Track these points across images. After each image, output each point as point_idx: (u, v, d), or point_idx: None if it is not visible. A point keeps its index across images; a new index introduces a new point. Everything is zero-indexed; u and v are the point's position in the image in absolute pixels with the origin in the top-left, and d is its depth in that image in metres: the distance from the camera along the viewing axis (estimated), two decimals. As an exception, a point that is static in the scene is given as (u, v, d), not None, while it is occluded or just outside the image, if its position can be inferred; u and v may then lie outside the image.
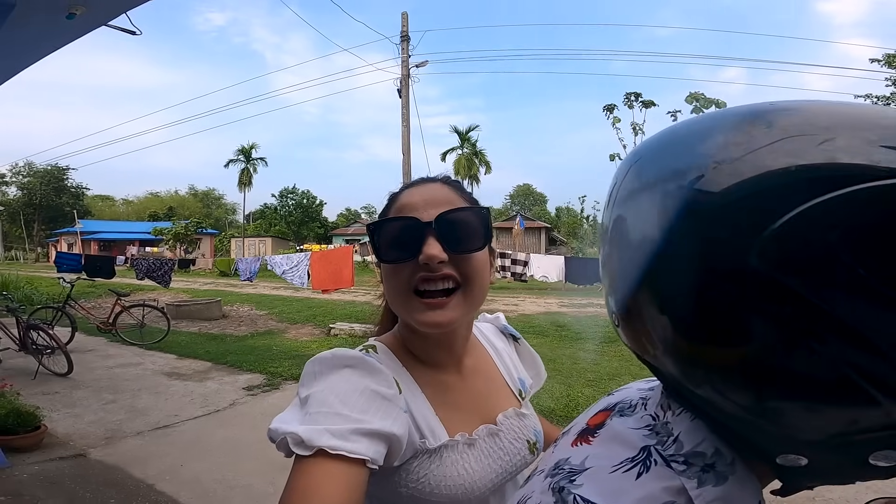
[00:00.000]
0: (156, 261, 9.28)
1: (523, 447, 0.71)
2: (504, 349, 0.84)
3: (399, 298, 0.64)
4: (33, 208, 42.74)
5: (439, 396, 0.67)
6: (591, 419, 0.54)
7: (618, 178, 0.44)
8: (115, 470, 3.05)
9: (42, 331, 5.20)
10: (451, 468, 0.62)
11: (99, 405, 4.30)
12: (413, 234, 0.61)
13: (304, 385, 0.56)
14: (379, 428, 0.53)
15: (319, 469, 0.48)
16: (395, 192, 0.71)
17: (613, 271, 0.43)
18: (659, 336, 0.37)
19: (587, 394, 4.59)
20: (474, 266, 0.64)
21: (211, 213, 49.68)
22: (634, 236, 0.39)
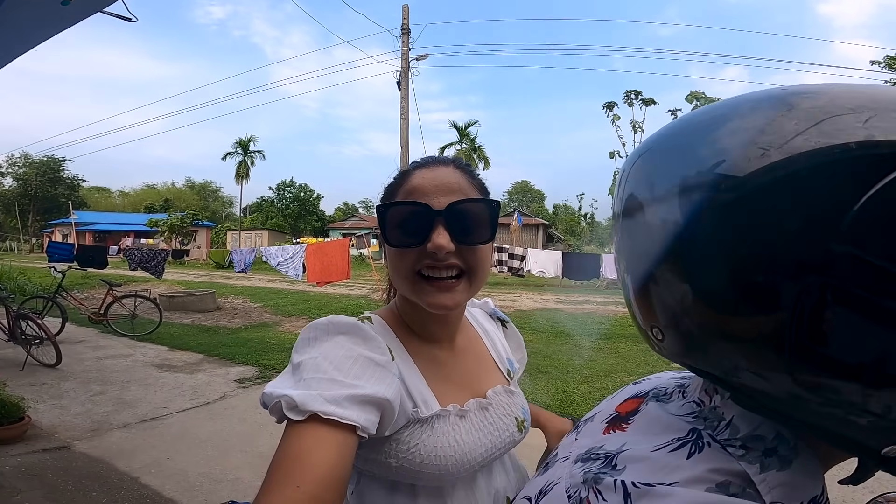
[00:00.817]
0: (149, 251, 9.18)
1: (511, 424, 0.72)
2: (493, 331, 0.86)
3: (405, 280, 0.64)
4: (28, 199, 42.39)
5: (432, 369, 0.68)
6: (620, 406, 0.53)
7: (629, 168, 0.44)
8: (100, 462, 2.98)
9: (31, 321, 5.11)
10: (442, 438, 0.62)
11: (86, 396, 4.22)
12: (422, 221, 0.62)
13: (298, 351, 0.57)
14: (372, 393, 0.53)
15: (311, 434, 0.48)
16: (406, 170, 0.70)
17: (656, 269, 0.40)
18: (751, 351, 0.35)
19: (583, 390, 4.55)
20: (479, 256, 0.65)
21: (208, 206, 49.41)
22: (673, 230, 0.37)
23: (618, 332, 7.65)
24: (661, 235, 0.38)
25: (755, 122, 0.34)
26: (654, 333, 0.43)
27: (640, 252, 0.41)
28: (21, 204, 42.20)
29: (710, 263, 0.35)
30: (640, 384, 0.57)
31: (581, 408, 4.06)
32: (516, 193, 53.84)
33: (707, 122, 0.38)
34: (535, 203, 51.00)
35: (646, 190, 0.41)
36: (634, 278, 0.43)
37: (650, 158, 0.42)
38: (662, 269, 0.39)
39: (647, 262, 0.40)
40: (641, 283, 0.42)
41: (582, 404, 4.15)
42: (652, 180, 0.40)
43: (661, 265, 0.39)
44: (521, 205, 47.95)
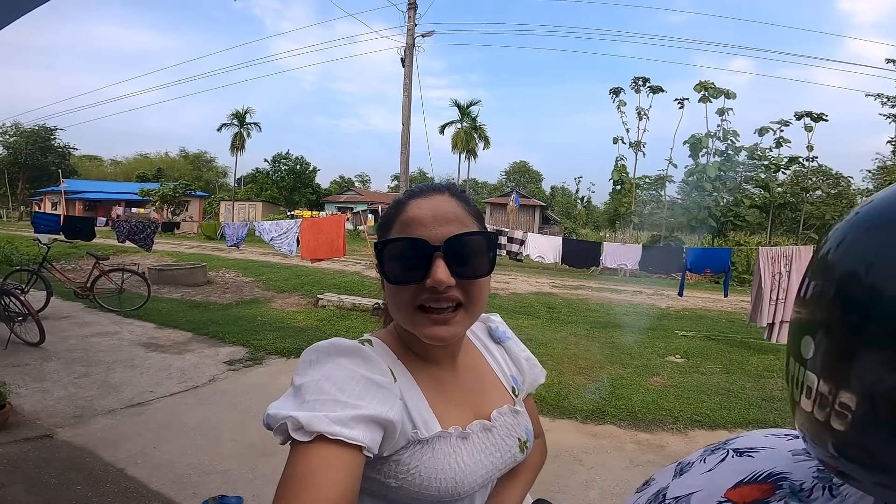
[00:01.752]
0: (138, 223, 8.95)
1: (514, 445, 0.72)
2: (495, 348, 0.84)
3: (403, 313, 0.65)
4: (18, 167, 41.43)
5: (434, 390, 0.68)
6: (734, 492, 0.43)
7: (845, 241, 0.36)
8: (84, 452, 2.89)
9: (13, 296, 4.96)
10: (443, 460, 0.62)
11: (70, 379, 4.11)
12: (421, 257, 0.62)
13: (300, 373, 0.57)
14: (375, 413, 0.54)
15: (318, 455, 0.48)
16: (401, 200, 0.69)
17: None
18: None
19: (578, 382, 4.51)
20: (478, 288, 0.65)
21: (201, 176, 48.51)
22: None
23: (612, 321, 7.64)
24: None
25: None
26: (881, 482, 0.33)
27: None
28: (10, 172, 41.26)
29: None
30: (752, 459, 0.47)
31: (575, 400, 4.03)
32: (514, 174, 53.46)
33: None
34: (532, 184, 50.71)
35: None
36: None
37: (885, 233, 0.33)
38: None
39: None
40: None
41: (576, 397, 4.12)
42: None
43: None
44: (519, 185, 47.60)
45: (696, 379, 4.80)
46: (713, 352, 5.92)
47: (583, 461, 3.07)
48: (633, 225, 18.53)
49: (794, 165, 16.48)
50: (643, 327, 7.27)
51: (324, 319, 6.95)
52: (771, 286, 5.40)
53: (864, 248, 0.34)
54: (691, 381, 4.72)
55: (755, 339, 6.28)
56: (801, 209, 15.89)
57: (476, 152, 31.21)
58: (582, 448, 3.24)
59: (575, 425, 3.64)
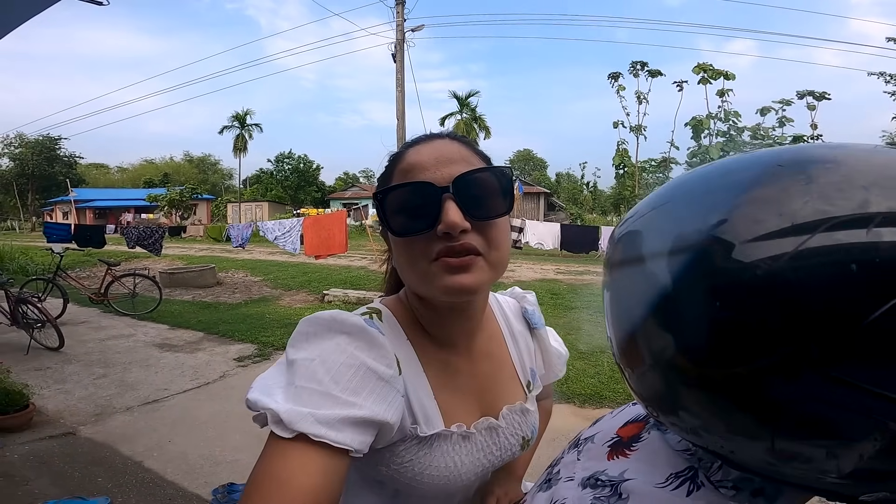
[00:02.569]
0: (146, 229, 9.16)
1: (517, 443, 0.69)
2: (521, 333, 0.77)
3: (416, 271, 0.57)
4: (26, 178, 42.16)
5: (442, 378, 0.63)
6: (622, 430, 0.55)
7: (640, 213, 0.45)
8: (104, 447, 3.06)
9: (31, 304, 5.16)
10: (439, 458, 0.59)
11: (90, 380, 4.30)
12: (428, 201, 0.54)
13: (294, 345, 0.52)
14: (370, 415, 0.48)
15: (298, 454, 0.44)
16: (397, 152, 0.63)
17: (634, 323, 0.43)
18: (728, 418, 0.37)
19: (578, 367, 4.59)
20: (498, 231, 0.57)
21: (207, 179, 49.03)
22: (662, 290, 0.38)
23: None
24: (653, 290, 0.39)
25: (769, 193, 0.34)
26: (651, 412, 0.47)
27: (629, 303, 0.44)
28: (19, 183, 41.99)
29: (691, 320, 0.37)
30: (640, 407, 0.58)
31: (575, 385, 4.12)
32: (518, 162, 53.19)
33: (722, 186, 0.38)
34: (536, 171, 50.46)
35: (657, 242, 0.41)
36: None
37: (662, 214, 0.43)
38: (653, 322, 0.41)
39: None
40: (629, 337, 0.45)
41: (576, 381, 4.21)
42: (660, 234, 0.41)
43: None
44: (523, 173, 47.44)
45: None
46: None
47: None
48: (638, 208, 18.48)
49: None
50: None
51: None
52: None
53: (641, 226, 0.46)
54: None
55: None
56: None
57: (477, 143, 31.05)
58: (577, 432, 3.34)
59: (573, 409, 3.74)
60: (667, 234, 0.39)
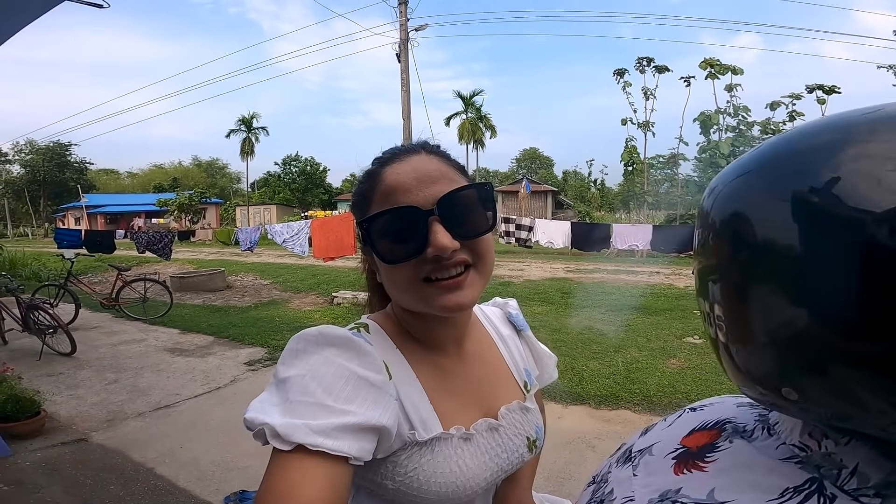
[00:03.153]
0: (155, 233, 9.21)
1: (522, 444, 0.67)
2: (510, 337, 0.78)
3: (408, 293, 0.58)
4: (38, 185, 42.71)
5: (436, 382, 0.62)
6: (688, 439, 0.48)
7: (723, 186, 0.41)
8: (116, 454, 3.04)
9: (42, 311, 5.18)
10: (443, 463, 0.58)
11: (101, 385, 4.30)
12: (415, 225, 0.55)
13: (285, 363, 0.52)
14: (364, 420, 0.49)
15: (298, 466, 0.45)
16: (372, 171, 0.62)
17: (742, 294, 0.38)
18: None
19: (592, 367, 4.52)
20: (484, 245, 0.59)
21: (216, 183, 49.37)
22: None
23: (628, 304, 7.59)
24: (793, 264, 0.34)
25: (878, 149, 0.32)
26: (785, 394, 0.37)
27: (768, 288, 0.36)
28: (31, 190, 42.57)
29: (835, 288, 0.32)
30: (703, 412, 0.52)
31: (589, 386, 4.04)
32: (524, 161, 53.03)
33: (822, 144, 0.35)
34: (543, 170, 50.28)
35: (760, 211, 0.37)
36: (755, 323, 0.37)
37: (757, 177, 0.39)
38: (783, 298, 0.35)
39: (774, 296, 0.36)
40: (763, 326, 0.37)
41: (591, 382, 4.13)
42: (763, 200, 0.37)
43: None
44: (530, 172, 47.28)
45: (714, 360, 4.74)
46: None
47: (595, 448, 3.09)
48: (647, 205, 18.27)
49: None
50: (660, 308, 7.22)
51: (339, 317, 7.07)
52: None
53: (730, 195, 0.40)
54: (710, 362, 4.68)
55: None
56: (822, 180, 15.49)
57: (483, 142, 31.09)
58: (595, 434, 3.26)
59: (588, 411, 3.66)
60: (781, 195, 0.35)
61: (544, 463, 2.83)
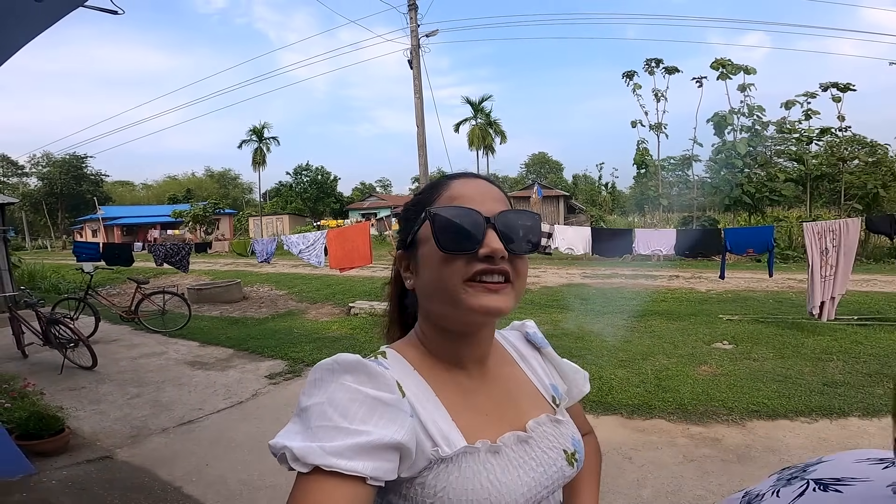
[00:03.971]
0: (173, 245, 9.24)
1: (560, 457, 0.66)
2: (532, 356, 0.79)
3: (450, 287, 0.60)
4: (55, 197, 43.58)
5: (459, 400, 0.63)
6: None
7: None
8: (142, 472, 2.99)
9: (63, 324, 5.19)
10: (473, 479, 0.57)
11: (124, 400, 4.27)
12: (475, 226, 0.60)
13: (305, 393, 0.55)
14: (380, 438, 0.50)
15: (317, 488, 0.47)
16: (441, 181, 0.68)
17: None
18: None
19: (620, 376, 4.38)
20: (524, 265, 0.64)
21: (228, 194, 49.92)
22: None
23: (651, 309, 7.42)
24: None
25: None
26: None
27: None
28: (48, 202, 43.43)
29: None
30: (841, 496, 0.39)
31: (619, 395, 3.92)
32: (534, 165, 52.90)
33: None
34: (553, 174, 50.09)
35: None
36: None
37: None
38: None
39: None
40: None
41: (620, 391, 4.00)
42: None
43: None
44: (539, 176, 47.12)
45: (747, 366, 4.60)
46: (763, 335, 5.65)
47: (632, 459, 2.97)
48: (661, 208, 18.01)
49: (827, 136, 15.70)
50: (683, 313, 7.05)
51: (357, 327, 7.01)
52: (820, 263, 5.12)
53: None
54: (743, 368, 4.53)
55: (808, 320, 5.97)
56: (840, 179, 15.11)
57: (493, 148, 30.98)
58: (630, 445, 3.14)
59: (621, 421, 3.54)
60: None
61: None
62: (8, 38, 3.18)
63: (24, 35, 3.07)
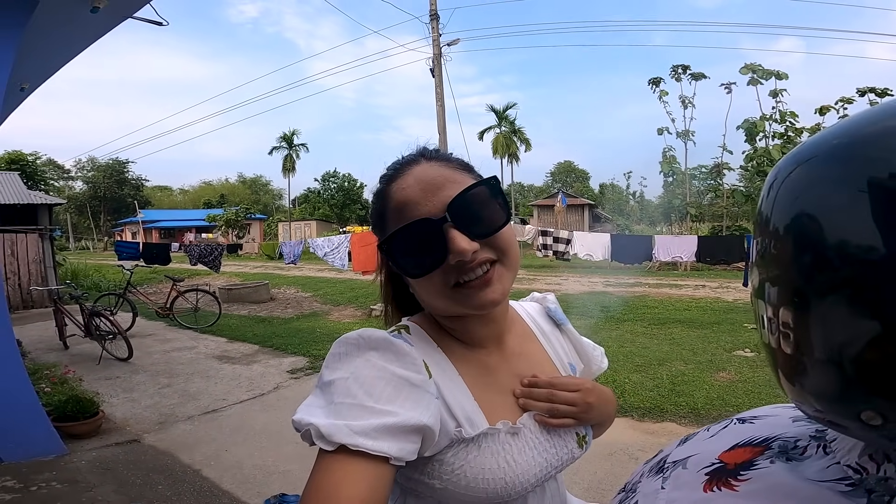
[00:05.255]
0: (206, 246, 9.68)
1: (572, 440, 0.66)
2: (551, 332, 0.78)
3: (441, 300, 0.60)
4: (98, 200, 46.06)
5: (479, 379, 0.63)
6: (726, 454, 0.44)
7: (783, 177, 0.37)
8: (166, 455, 3.18)
9: (104, 317, 5.53)
10: (491, 459, 0.58)
11: (155, 389, 4.52)
12: (431, 237, 0.56)
13: (329, 367, 0.54)
14: (406, 420, 0.50)
15: (340, 466, 0.47)
16: (380, 190, 0.64)
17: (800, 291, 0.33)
18: None
19: (635, 380, 4.35)
20: (504, 239, 0.60)
21: (259, 199, 51.53)
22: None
23: (673, 317, 7.29)
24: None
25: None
26: (866, 419, 0.32)
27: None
28: (92, 205, 45.93)
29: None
30: (753, 425, 0.47)
31: (632, 398, 3.90)
32: (560, 174, 52.46)
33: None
34: (578, 183, 49.55)
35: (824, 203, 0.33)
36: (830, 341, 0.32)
37: (822, 166, 0.34)
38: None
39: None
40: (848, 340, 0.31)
41: (633, 395, 3.98)
42: (833, 192, 0.33)
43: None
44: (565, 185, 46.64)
45: (768, 373, 4.48)
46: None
47: (639, 459, 2.96)
48: (690, 217, 17.58)
49: None
50: (706, 321, 6.90)
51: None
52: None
53: (791, 188, 0.36)
54: (763, 375, 4.42)
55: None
56: (884, 185, 14.46)
57: (518, 156, 30.95)
58: (638, 446, 3.13)
59: (631, 423, 3.53)
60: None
61: (584, 474, 2.74)
62: (66, 45, 3.47)
63: (79, 43, 3.35)
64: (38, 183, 28.70)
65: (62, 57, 3.70)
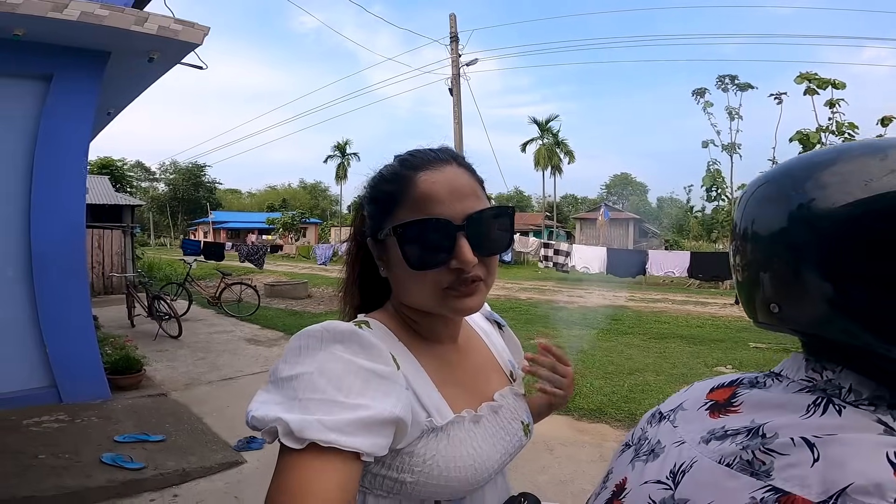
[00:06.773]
0: (253, 246, 10.97)
1: (519, 428, 0.71)
2: (491, 332, 0.83)
3: (426, 296, 0.61)
4: (177, 201, 51.06)
5: (441, 373, 0.65)
6: (712, 394, 0.55)
7: (749, 194, 0.54)
8: (182, 406, 4.03)
9: (164, 301, 6.69)
10: (459, 447, 0.60)
11: (192, 361, 5.51)
12: (444, 237, 0.58)
13: (288, 361, 0.52)
14: (379, 413, 0.49)
15: (309, 465, 0.45)
16: (404, 173, 0.62)
17: (764, 268, 0.50)
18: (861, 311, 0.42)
19: (596, 385, 4.69)
20: (495, 263, 0.64)
21: (318, 204, 54.57)
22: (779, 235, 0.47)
23: (675, 332, 7.36)
24: (781, 236, 0.47)
25: (852, 166, 0.43)
26: (771, 308, 0.49)
27: (765, 251, 0.49)
28: (171, 205, 50.92)
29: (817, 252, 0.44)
30: (713, 380, 0.59)
31: (581, 401, 4.21)
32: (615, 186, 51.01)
33: (816, 163, 0.47)
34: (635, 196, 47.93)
35: (767, 210, 0.50)
36: (754, 270, 0.51)
37: (769, 188, 0.51)
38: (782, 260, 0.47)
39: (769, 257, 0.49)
40: (762, 270, 0.50)
41: (584, 397, 4.30)
42: (770, 205, 0.49)
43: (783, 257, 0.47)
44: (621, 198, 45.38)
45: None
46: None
47: (553, 451, 3.30)
48: (734, 234, 16.85)
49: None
50: (707, 338, 6.96)
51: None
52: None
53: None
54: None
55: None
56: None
57: (560, 168, 30.68)
58: (560, 440, 3.45)
59: (569, 422, 3.85)
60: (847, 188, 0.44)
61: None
62: (136, 83, 4.51)
63: (146, 81, 4.37)
64: (125, 185, 32.30)
65: (135, 90, 4.78)
